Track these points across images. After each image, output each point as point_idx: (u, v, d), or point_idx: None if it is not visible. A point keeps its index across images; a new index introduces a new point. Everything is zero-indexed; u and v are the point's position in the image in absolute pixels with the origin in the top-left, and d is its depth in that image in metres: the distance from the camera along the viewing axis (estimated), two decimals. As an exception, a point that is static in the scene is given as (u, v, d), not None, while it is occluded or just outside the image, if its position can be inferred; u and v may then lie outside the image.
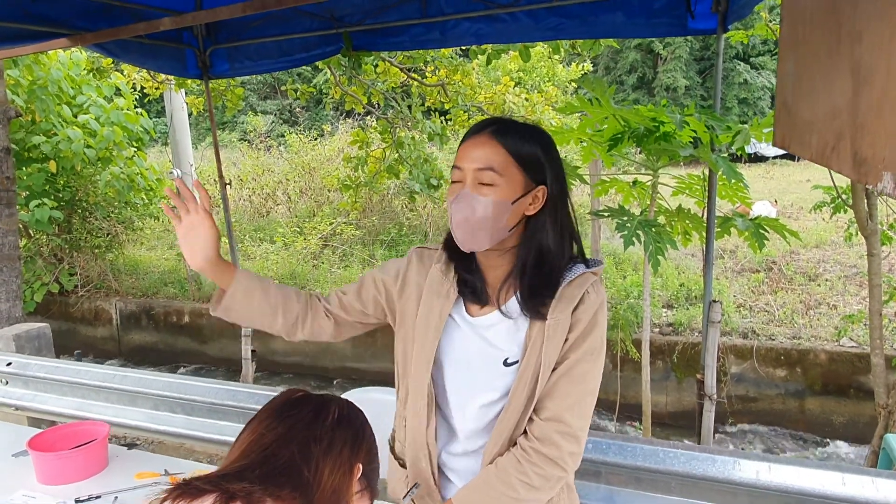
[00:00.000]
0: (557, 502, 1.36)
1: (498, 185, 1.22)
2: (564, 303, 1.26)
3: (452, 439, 1.38)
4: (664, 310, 6.75)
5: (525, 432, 1.29)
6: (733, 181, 2.73)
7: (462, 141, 1.28)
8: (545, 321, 1.24)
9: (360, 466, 0.92)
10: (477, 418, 1.33)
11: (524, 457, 1.25)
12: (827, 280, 7.17)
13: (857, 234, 3.92)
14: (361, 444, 0.94)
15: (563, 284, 1.27)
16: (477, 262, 1.34)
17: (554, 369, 1.27)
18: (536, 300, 1.26)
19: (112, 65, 7.49)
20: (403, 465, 1.44)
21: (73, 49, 7.11)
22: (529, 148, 1.26)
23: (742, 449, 5.56)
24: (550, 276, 1.27)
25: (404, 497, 1.37)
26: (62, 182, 8.19)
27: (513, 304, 1.29)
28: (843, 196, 3.67)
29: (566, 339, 1.26)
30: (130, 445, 3.46)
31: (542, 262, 1.27)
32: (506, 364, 1.29)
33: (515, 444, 1.29)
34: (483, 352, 1.31)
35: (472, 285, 1.33)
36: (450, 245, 1.36)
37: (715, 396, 2.89)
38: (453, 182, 1.27)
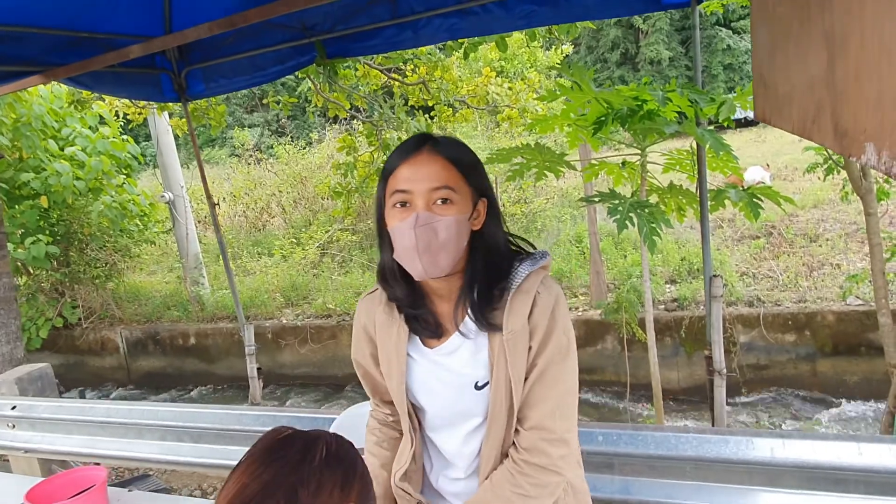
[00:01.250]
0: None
1: (455, 202, 1.18)
2: (517, 311, 1.20)
3: (448, 466, 1.36)
4: (667, 286, 6.72)
5: (514, 444, 1.26)
6: (721, 152, 2.69)
7: (394, 163, 1.21)
8: (502, 335, 1.20)
9: None
10: (466, 443, 1.31)
11: (515, 469, 1.23)
12: (828, 240, 7.13)
13: (852, 192, 3.88)
14: (353, 481, 0.90)
15: (510, 292, 1.21)
16: (423, 292, 1.29)
17: (526, 378, 1.23)
18: (489, 312, 1.22)
19: (93, 95, 7.46)
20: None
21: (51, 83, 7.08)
22: (469, 159, 1.22)
23: (757, 420, 5.54)
24: (498, 285, 1.23)
25: None
26: (55, 216, 8.18)
27: (469, 322, 1.25)
28: (835, 157, 3.63)
29: (530, 348, 1.21)
30: (143, 476, 3.45)
31: (490, 275, 1.23)
32: (477, 388, 1.25)
33: (507, 455, 1.27)
34: (451, 381, 1.27)
35: (422, 320, 1.28)
36: (387, 282, 1.30)
37: (724, 371, 2.86)
38: (395, 206, 1.19)
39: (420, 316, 1.28)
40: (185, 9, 3.19)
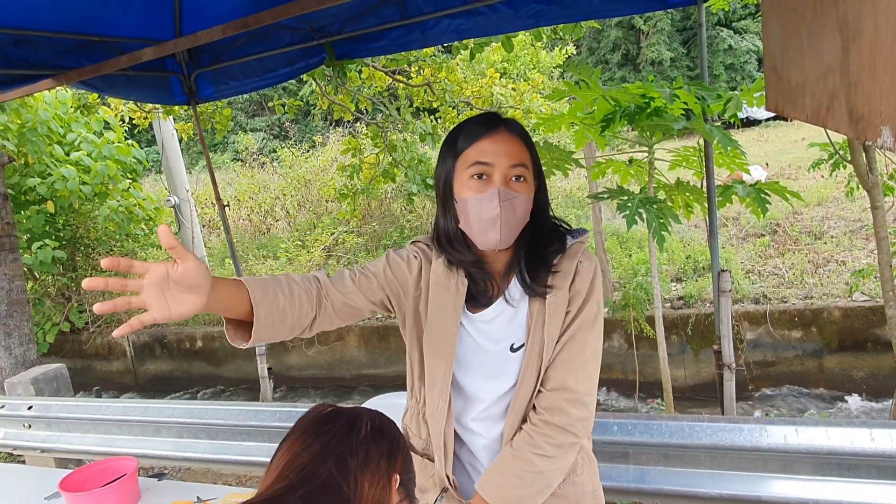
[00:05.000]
0: (580, 471, 1.39)
1: (527, 180, 1.26)
2: (561, 277, 1.29)
3: (475, 409, 1.40)
4: (673, 284, 6.73)
5: (534, 406, 1.32)
6: (730, 148, 2.72)
7: (473, 136, 1.24)
8: (545, 299, 1.28)
9: (398, 477, 0.92)
10: (496, 405, 1.36)
11: (534, 430, 1.29)
12: (833, 237, 7.15)
13: (858, 188, 3.90)
14: (397, 454, 0.94)
15: (557, 259, 1.30)
16: (482, 256, 1.34)
17: (556, 341, 1.29)
18: (537, 279, 1.29)
19: (98, 100, 7.51)
20: (430, 459, 1.44)
21: (58, 88, 7.13)
22: (533, 144, 1.31)
23: (766, 414, 5.56)
24: (546, 255, 1.31)
25: (434, 502, 1.39)
26: (62, 221, 8.21)
27: (514, 289, 1.32)
28: (841, 152, 3.66)
29: (567, 313, 1.29)
30: (159, 475, 3.48)
31: (538, 245, 1.31)
32: (513, 349, 1.32)
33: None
34: (489, 346, 1.33)
35: (479, 281, 1.33)
36: (452, 247, 1.32)
37: (734, 365, 2.89)
38: (472, 178, 1.24)
39: (477, 277, 1.33)
40: (195, 12, 3.23)
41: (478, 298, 1.33)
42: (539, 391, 1.31)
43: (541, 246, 1.31)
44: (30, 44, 3.02)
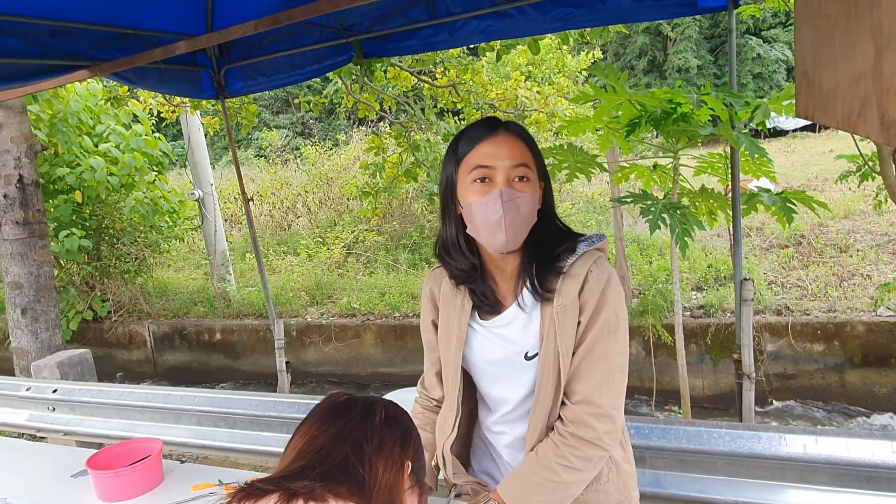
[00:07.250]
0: (604, 480, 1.36)
1: (531, 180, 1.26)
2: (569, 284, 1.27)
3: (496, 415, 1.43)
4: (693, 292, 6.68)
5: (560, 417, 1.31)
6: (756, 156, 2.70)
7: (473, 141, 1.27)
8: (553, 307, 1.26)
9: (409, 464, 0.94)
10: (518, 408, 1.37)
11: (562, 441, 1.27)
12: (858, 250, 7.04)
13: (886, 200, 3.85)
14: (409, 442, 0.96)
15: (565, 267, 1.28)
16: (484, 269, 1.35)
17: (574, 353, 1.28)
18: (545, 285, 1.28)
19: (128, 92, 7.63)
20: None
21: (89, 80, 7.26)
22: (536, 144, 1.32)
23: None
24: (555, 260, 1.30)
25: (449, 501, 1.42)
26: (88, 211, 8.35)
27: (527, 294, 1.31)
28: (870, 163, 3.61)
29: (579, 323, 1.27)
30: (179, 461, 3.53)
31: (548, 250, 1.31)
32: (527, 358, 1.31)
33: (553, 428, 1.32)
34: (504, 351, 1.34)
35: (481, 295, 1.35)
36: (450, 255, 1.36)
37: (754, 375, 2.87)
38: (475, 182, 1.25)
39: (479, 290, 1.34)
40: (227, 8, 3.28)
41: (484, 309, 1.36)
42: (563, 403, 1.30)
43: (549, 247, 1.31)
44: (66, 35, 3.09)
